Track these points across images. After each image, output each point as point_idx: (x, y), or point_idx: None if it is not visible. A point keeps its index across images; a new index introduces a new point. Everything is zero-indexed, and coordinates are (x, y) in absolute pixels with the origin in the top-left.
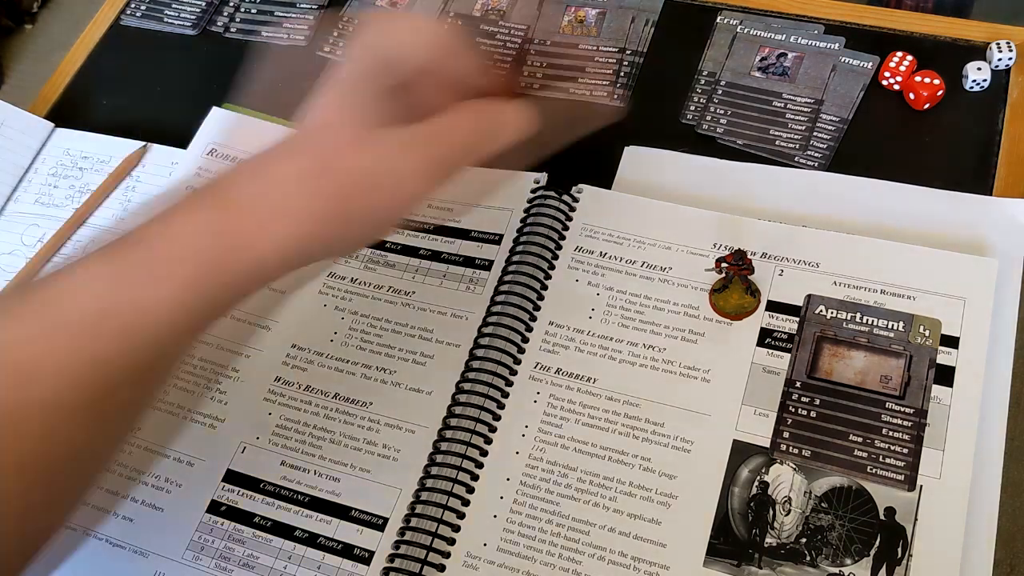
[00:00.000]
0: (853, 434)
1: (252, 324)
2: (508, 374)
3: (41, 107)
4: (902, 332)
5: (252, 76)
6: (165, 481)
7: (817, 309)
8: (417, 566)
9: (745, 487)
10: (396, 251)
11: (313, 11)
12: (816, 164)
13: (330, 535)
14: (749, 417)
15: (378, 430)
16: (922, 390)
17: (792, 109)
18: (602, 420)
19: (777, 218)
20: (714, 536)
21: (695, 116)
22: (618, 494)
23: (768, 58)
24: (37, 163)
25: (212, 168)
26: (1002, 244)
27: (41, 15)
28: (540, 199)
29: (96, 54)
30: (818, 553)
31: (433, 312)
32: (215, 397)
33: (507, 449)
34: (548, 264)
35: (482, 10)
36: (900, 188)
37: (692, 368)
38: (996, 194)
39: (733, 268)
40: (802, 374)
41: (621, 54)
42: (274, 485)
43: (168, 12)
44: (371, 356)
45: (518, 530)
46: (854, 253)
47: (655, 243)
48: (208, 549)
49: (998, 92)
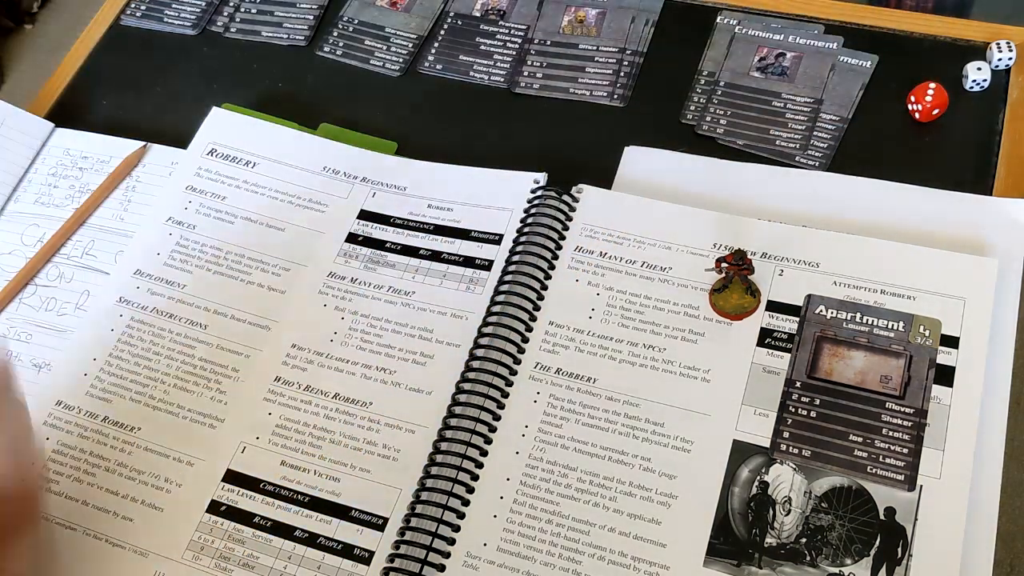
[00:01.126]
0: (853, 434)
1: (252, 324)
2: (508, 374)
3: (41, 107)
4: (902, 332)
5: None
6: (165, 481)
7: (817, 309)
8: (417, 566)
9: (745, 487)
10: (396, 251)
11: (313, 11)
12: (816, 164)
13: (330, 535)
14: (749, 417)
15: (378, 430)
16: (922, 390)
17: (792, 109)
18: (602, 420)
19: (777, 218)
20: (714, 536)
21: (695, 116)
22: (618, 494)
23: (767, 58)
24: (37, 163)
25: (212, 168)
26: (1002, 244)
27: (41, 15)
28: (540, 199)
29: (96, 54)
30: (818, 553)
31: (433, 312)
32: (215, 397)
33: (507, 449)
34: (548, 264)
35: (482, 10)
36: (900, 188)
37: (692, 368)
38: (996, 194)
39: (733, 268)
40: (802, 374)
41: (621, 54)
42: (274, 485)
43: (168, 12)
44: (371, 356)
45: (518, 530)
46: (854, 253)
47: (655, 243)
48: (208, 549)
49: (998, 92)
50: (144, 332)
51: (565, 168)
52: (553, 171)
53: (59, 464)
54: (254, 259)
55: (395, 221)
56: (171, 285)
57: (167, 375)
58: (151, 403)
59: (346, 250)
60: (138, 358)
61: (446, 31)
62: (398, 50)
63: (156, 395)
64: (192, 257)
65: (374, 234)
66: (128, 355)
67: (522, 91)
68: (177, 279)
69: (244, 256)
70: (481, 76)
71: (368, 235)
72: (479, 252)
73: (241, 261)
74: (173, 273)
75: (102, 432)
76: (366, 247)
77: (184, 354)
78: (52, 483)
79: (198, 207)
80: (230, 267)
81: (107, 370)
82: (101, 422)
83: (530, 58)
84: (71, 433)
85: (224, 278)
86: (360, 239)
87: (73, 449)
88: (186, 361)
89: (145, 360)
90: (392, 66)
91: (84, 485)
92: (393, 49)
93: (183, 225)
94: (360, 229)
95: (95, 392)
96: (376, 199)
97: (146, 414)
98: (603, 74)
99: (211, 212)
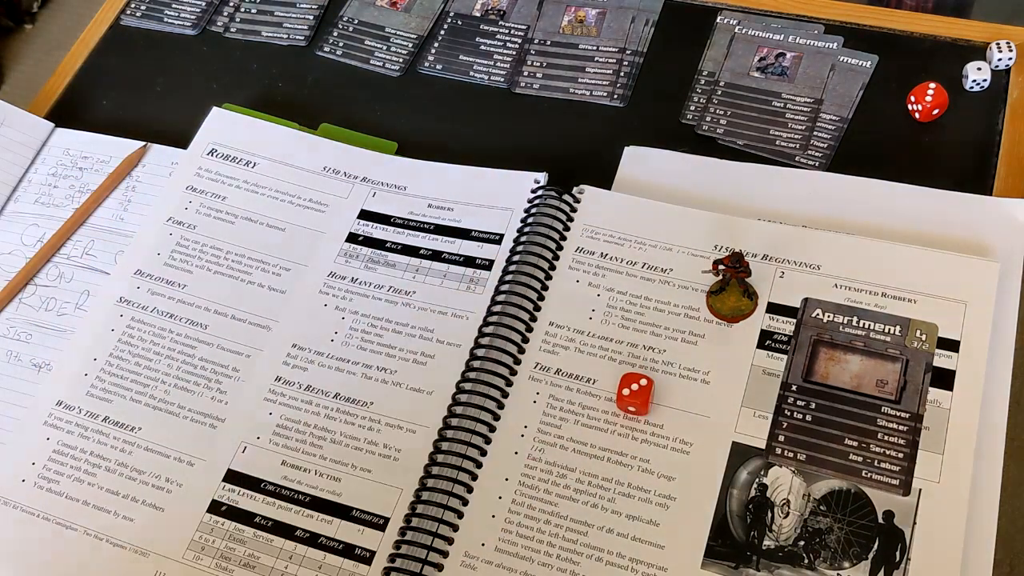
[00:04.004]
0: (848, 438)
1: (253, 324)
2: (508, 374)
3: (41, 107)
4: (898, 336)
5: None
6: (165, 481)
7: (814, 313)
8: (418, 566)
9: (744, 489)
10: (397, 251)
11: (313, 11)
12: (816, 164)
13: (331, 535)
14: (748, 419)
15: (379, 430)
16: (918, 394)
17: (792, 109)
18: (601, 421)
19: (777, 218)
20: (712, 538)
21: (695, 116)
22: (616, 495)
23: (767, 58)
24: (37, 163)
25: (212, 168)
26: (1002, 244)
27: (41, 15)
28: (540, 199)
29: (96, 54)
30: (816, 556)
31: (433, 312)
32: (215, 397)
33: (506, 449)
34: (549, 264)
35: (482, 10)
36: (900, 188)
37: (692, 370)
38: (996, 194)
39: (730, 271)
40: (798, 377)
41: (621, 54)
42: (275, 485)
43: (168, 12)
44: (371, 356)
45: (516, 530)
46: (855, 255)
47: (656, 244)
48: (209, 549)
49: (998, 92)
50: (144, 332)
51: (565, 168)
52: (553, 171)
53: (59, 464)
54: (254, 259)
55: (395, 221)
56: (171, 285)
57: (167, 375)
58: (152, 403)
59: (346, 250)
60: (138, 358)
61: (446, 31)
62: (398, 50)
63: (157, 395)
64: (192, 257)
65: (374, 234)
66: (128, 355)
67: (522, 91)
68: (177, 279)
69: (244, 256)
70: (481, 76)
71: (368, 235)
72: (480, 252)
73: (241, 261)
74: (173, 273)
75: (102, 432)
76: (366, 247)
77: (185, 354)
78: (52, 483)
79: (198, 207)
80: (230, 267)
81: (107, 370)
82: (101, 422)
83: (530, 58)
84: (71, 433)
85: (224, 278)
86: (360, 239)
87: (73, 449)
88: (187, 361)
89: (146, 360)
90: (392, 66)
91: (84, 485)
92: (393, 49)
93: (183, 225)
94: (360, 229)
95: (95, 392)
96: (376, 199)
97: (147, 414)
98: (603, 74)
99: (211, 212)
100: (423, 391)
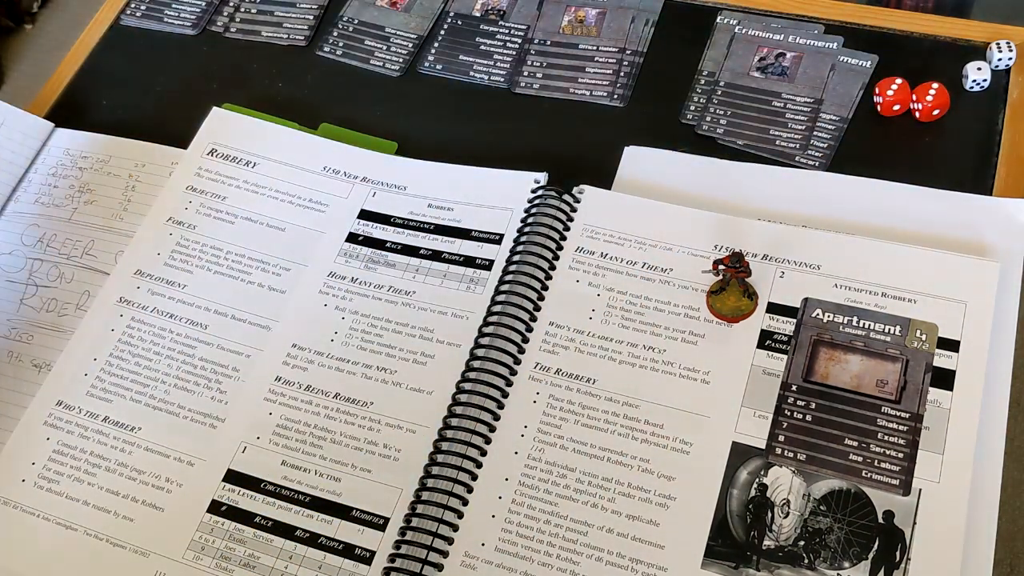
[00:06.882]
0: (848, 438)
1: (253, 324)
2: (508, 374)
3: (41, 107)
4: (898, 336)
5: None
6: (165, 481)
7: (814, 312)
8: (418, 566)
9: (744, 489)
10: (396, 251)
11: (313, 11)
12: (816, 164)
13: (331, 535)
14: (749, 419)
15: (379, 430)
16: (918, 394)
17: (792, 109)
18: (601, 421)
19: (777, 218)
20: (712, 538)
21: (695, 116)
22: (616, 495)
23: (767, 58)
24: (37, 163)
25: (212, 168)
26: (1002, 244)
27: (41, 15)
28: (540, 199)
29: (96, 54)
30: (816, 556)
31: (433, 312)
32: (215, 397)
33: (506, 449)
34: (549, 264)
35: (482, 10)
36: (900, 188)
37: (692, 370)
38: (996, 194)
39: (730, 271)
40: (798, 377)
41: (621, 54)
42: (275, 485)
43: (168, 12)
44: (372, 356)
45: (516, 530)
46: (855, 255)
47: (656, 244)
48: (209, 549)
49: (998, 92)
50: (144, 332)
51: (565, 168)
52: (553, 171)
53: (59, 464)
54: (254, 259)
55: (395, 221)
56: (171, 285)
57: (167, 375)
58: (152, 403)
59: (346, 250)
60: (138, 358)
61: (446, 31)
62: (398, 50)
63: (156, 395)
64: (192, 257)
65: (374, 234)
66: (128, 355)
67: (522, 91)
68: (177, 279)
69: (244, 256)
70: (481, 76)
71: (368, 235)
72: (480, 252)
73: (241, 261)
74: (173, 273)
75: (102, 432)
76: (366, 247)
77: (184, 354)
78: (52, 483)
79: (198, 207)
80: (230, 267)
81: (107, 370)
82: (101, 422)
83: (530, 58)
84: (71, 433)
85: (224, 278)
86: (360, 239)
87: (73, 449)
88: (186, 361)
89: (145, 360)
90: (392, 66)
91: (84, 485)
92: (393, 49)
93: (183, 225)
94: (360, 229)
95: (95, 392)
96: (376, 199)
97: (147, 414)
98: (603, 74)
99: (211, 212)
100: (423, 391)
